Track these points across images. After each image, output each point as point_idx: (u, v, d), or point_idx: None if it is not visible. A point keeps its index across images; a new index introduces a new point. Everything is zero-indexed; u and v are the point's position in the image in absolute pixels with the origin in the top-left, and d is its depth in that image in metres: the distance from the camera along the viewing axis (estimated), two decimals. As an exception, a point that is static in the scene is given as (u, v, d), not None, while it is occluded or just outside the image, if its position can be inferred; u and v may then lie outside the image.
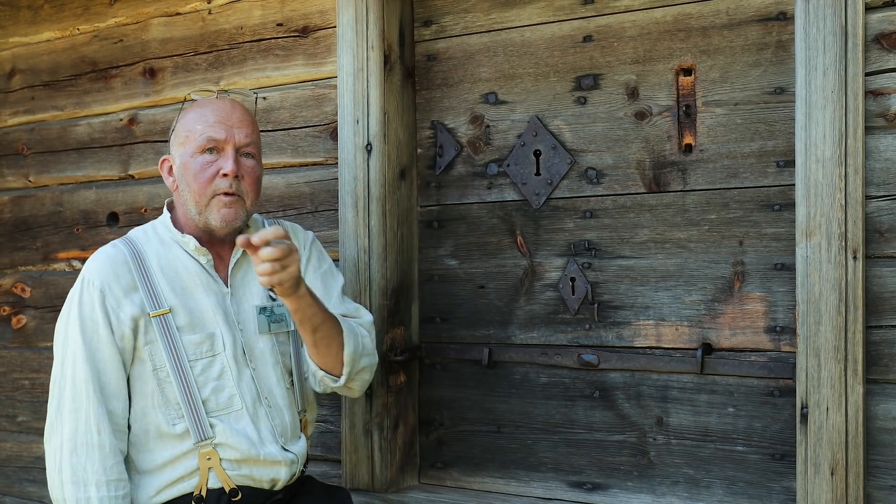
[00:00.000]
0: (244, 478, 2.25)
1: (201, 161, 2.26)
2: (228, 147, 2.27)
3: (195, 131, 2.27)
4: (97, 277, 2.23)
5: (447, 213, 2.75)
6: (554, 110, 2.59)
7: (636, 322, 2.50)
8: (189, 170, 2.27)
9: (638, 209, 2.49)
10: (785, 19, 2.31)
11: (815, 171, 2.16)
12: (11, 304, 3.47)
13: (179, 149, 2.30)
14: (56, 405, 2.21)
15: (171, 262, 2.30)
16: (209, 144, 2.26)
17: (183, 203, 2.31)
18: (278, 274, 2.09)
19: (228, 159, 2.26)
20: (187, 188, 2.28)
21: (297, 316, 2.21)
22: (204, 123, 2.27)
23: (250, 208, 2.32)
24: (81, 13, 3.26)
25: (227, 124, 2.28)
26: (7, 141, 3.46)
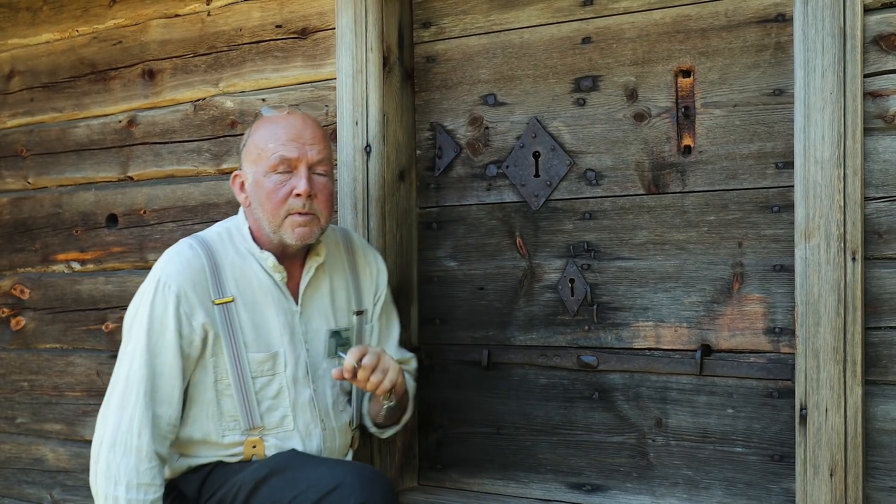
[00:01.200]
0: None
1: (275, 180, 2.25)
2: (301, 165, 2.26)
3: (267, 150, 2.26)
4: (174, 281, 2.23)
5: (446, 215, 2.75)
6: (553, 112, 2.59)
7: (635, 323, 2.51)
8: (262, 189, 2.26)
9: (637, 211, 2.50)
10: (784, 21, 2.31)
11: (814, 172, 2.16)
12: (10, 305, 3.47)
13: (252, 166, 2.29)
14: (108, 397, 2.25)
15: (246, 274, 2.30)
16: (282, 164, 2.25)
17: (256, 219, 2.31)
18: (383, 383, 2.22)
19: (302, 178, 2.25)
20: (260, 207, 2.28)
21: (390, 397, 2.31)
22: (276, 142, 2.26)
23: (324, 225, 2.32)
24: (80, 15, 3.26)
25: (299, 142, 2.26)
26: (6, 143, 3.46)
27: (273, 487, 2.20)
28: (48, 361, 3.39)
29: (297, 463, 2.24)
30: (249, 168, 2.30)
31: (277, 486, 2.20)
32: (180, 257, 2.26)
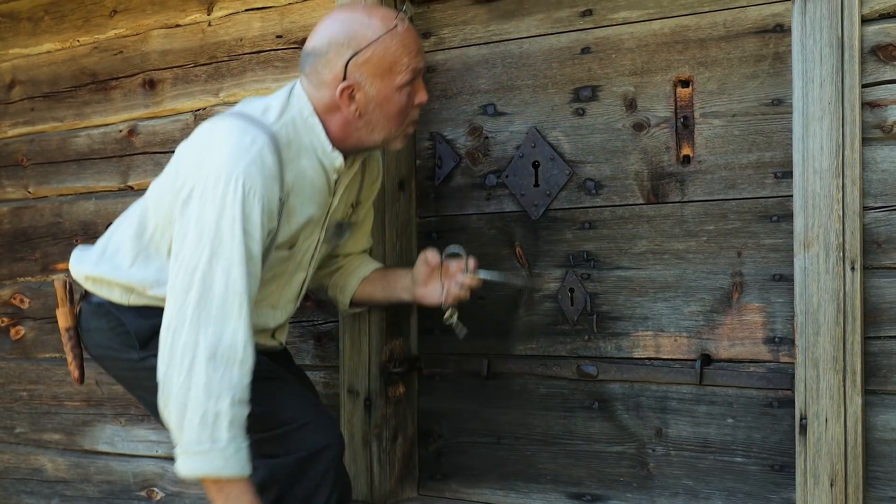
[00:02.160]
0: None
1: (406, 93, 2.22)
2: (420, 76, 2.25)
3: (402, 64, 2.19)
4: (259, 187, 2.10)
5: (446, 225, 2.76)
6: (552, 122, 2.60)
7: (635, 333, 2.51)
8: (393, 103, 2.21)
9: (636, 220, 2.50)
10: (782, 31, 2.32)
11: (813, 182, 2.16)
12: (10, 315, 3.47)
13: (379, 80, 2.18)
14: (196, 302, 2.06)
15: (301, 170, 2.22)
16: (413, 77, 2.22)
17: (359, 128, 2.23)
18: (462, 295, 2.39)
19: (423, 89, 2.26)
20: (385, 120, 2.22)
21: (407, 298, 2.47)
22: (409, 55, 2.19)
23: None
24: (82, 25, 3.27)
25: (421, 53, 2.24)
26: (7, 152, 3.47)
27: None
28: (47, 371, 3.39)
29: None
30: (374, 81, 2.18)
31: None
32: (263, 163, 2.12)
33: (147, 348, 2.27)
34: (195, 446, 2.03)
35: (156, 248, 2.29)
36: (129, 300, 2.31)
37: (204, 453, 2.02)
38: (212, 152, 2.13)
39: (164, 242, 2.27)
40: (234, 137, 2.13)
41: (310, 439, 2.27)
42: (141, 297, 2.30)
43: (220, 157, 2.11)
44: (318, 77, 2.21)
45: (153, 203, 2.30)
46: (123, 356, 2.32)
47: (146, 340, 2.27)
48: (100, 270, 2.33)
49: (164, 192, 2.26)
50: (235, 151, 2.11)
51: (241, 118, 2.19)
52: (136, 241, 2.31)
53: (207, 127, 2.23)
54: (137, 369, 2.30)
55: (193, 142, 2.23)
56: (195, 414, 2.02)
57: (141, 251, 2.30)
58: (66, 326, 2.42)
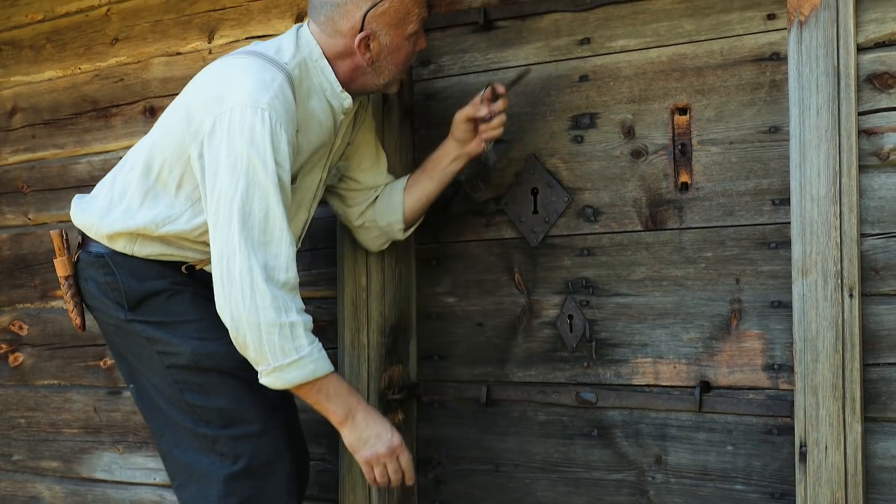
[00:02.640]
0: None
1: (413, 41, 2.36)
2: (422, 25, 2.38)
3: (413, 14, 2.33)
4: (283, 120, 2.18)
5: (445, 251, 2.76)
6: (551, 149, 2.61)
7: (634, 360, 2.50)
8: (402, 50, 2.34)
9: (635, 247, 2.50)
10: (778, 59, 2.34)
11: (811, 209, 2.17)
12: (9, 341, 3.47)
13: (393, 29, 2.31)
14: (240, 230, 2.12)
15: (312, 113, 2.32)
16: (418, 25, 2.35)
17: (366, 73, 2.34)
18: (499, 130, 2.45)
19: (423, 37, 2.40)
20: (390, 64, 2.35)
21: (458, 164, 2.49)
22: (418, 6, 2.34)
23: None
24: (83, 53, 3.29)
25: (425, 2, 2.37)
26: (7, 179, 3.48)
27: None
28: (46, 398, 3.38)
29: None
30: (389, 30, 2.31)
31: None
32: (284, 97, 2.21)
33: (135, 311, 2.33)
34: (284, 360, 2.12)
35: (163, 185, 2.32)
36: (133, 249, 2.33)
37: (295, 363, 2.13)
38: (233, 86, 2.20)
39: (172, 178, 2.30)
40: (254, 73, 2.21)
41: (265, 449, 2.31)
42: (147, 242, 2.32)
43: (244, 90, 2.18)
44: (334, 26, 2.31)
45: (159, 140, 2.33)
46: (112, 312, 2.35)
47: (136, 303, 2.33)
48: (109, 220, 2.35)
49: (171, 126, 2.30)
50: (258, 86, 2.18)
51: (257, 56, 2.27)
52: (143, 179, 2.34)
53: (222, 64, 2.31)
54: (122, 329, 2.35)
55: (208, 77, 2.30)
56: (273, 330, 2.11)
57: (149, 190, 2.33)
58: (64, 275, 2.43)
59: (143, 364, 2.37)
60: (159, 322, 2.33)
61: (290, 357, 2.13)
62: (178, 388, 2.31)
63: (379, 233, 2.60)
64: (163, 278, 2.35)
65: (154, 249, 2.34)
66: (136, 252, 2.34)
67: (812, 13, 2.18)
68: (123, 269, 2.34)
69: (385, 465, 2.27)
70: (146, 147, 2.37)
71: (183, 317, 2.33)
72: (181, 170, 2.29)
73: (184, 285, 2.36)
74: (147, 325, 2.33)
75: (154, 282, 2.34)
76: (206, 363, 2.30)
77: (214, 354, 2.30)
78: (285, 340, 2.12)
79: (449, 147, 2.52)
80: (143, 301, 2.33)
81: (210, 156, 2.18)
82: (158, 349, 2.32)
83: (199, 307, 2.34)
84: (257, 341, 2.12)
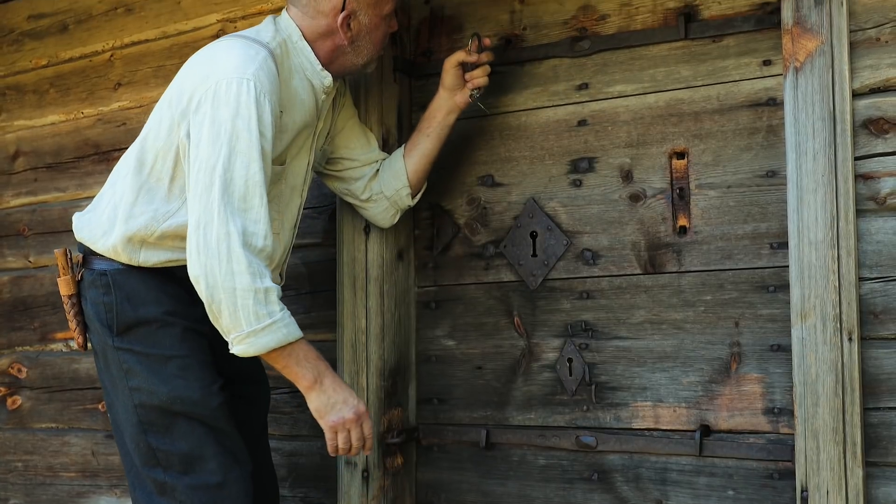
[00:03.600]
0: None
1: (387, 22, 2.45)
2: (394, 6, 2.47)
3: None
4: (268, 91, 2.23)
5: (444, 294, 2.77)
6: (550, 192, 2.63)
7: (634, 403, 2.50)
8: (379, 30, 2.43)
9: (634, 290, 2.51)
10: (774, 105, 2.36)
11: (809, 253, 2.18)
12: (7, 384, 3.46)
13: (370, 9, 2.39)
14: (220, 197, 2.12)
15: (294, 92, 2.37)
16: (392, 7, 2.44)
17: (346, 52, 2.41)
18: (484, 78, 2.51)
19: (395, 19, 2.50)
20: (369, 43, 2.42)
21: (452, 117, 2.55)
22: None
23: None
24: (86, 97, 3.32)
25: None
26: (9, 222, 3.49)
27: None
28: (43, 441, 3.37)
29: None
30: (368, 10, 2.39)
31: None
32: (268, 69, 2.25)
33: (122, 337, 2.32)
34: (258, 324, 2.12)
35: (157, 179, 2.32)
36: (139, 258, 2.32)
37: (268, 328, 2.13)
38: (217, 63, 2.25)
39: (165, 170, 2.31)
40: (238, 49, 2.27)
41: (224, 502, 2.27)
42: (152, 248, 2.32)
43: (229, 64, 2.23)
44: (316, 7, 2.38)
45: (150, 133, 2.34)
46: (101, 335, 2.35)
47: (125, 328, 2.32)
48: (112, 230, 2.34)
49: (160, 117, 2.33)
50: (243, 59, 2.24)
51: (239, 37, 2.35)
52: (136, 176, 2.34)
53: (206, 48, 2.37)
54: (107, 355, 2.35)
55: (193, 62, 2.35)
56: (248, 296, 2.11)
57: (142, 185, 2.33)
58: (67, 294, 2.43)
59: (115, 396, 2.35)
60: (143, 353, 2.30)
61: (264, 322, 2.12)
62: (142, 428, 2.28)
63: (388, 204, 2.61)
64: (158, 305, 2.32)
65: (160, 256, 2.33)
66: (142, 261, 2.32)
67: (807, 59, 2.21)
68: (121, 291, 2.33)
69: (349, 432, 2.25)
70: (137, 144, 2.38)
71: (168, 351, 2.30)
72: (173, 159, 2.29)
73: (176, 317, 2.33)
74: (130, 355, 2.30)
75: (148, 308, 2.32)
76: (178, 407, 2.27)
77: (188, 399, 2.27)
78: (259, 305, 2.12)
79: (440, 99, 2.57)
80: (133, 328, 2.31)
81: (194, 130, 2.20)
82: (133, 385, 2.29)
83: (186, 343, 2.32)
84: (232, 307, 2.11)
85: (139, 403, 2.29)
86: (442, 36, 2.78)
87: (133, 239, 2.31)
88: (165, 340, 2.31)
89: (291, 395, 2.86)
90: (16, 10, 3.45)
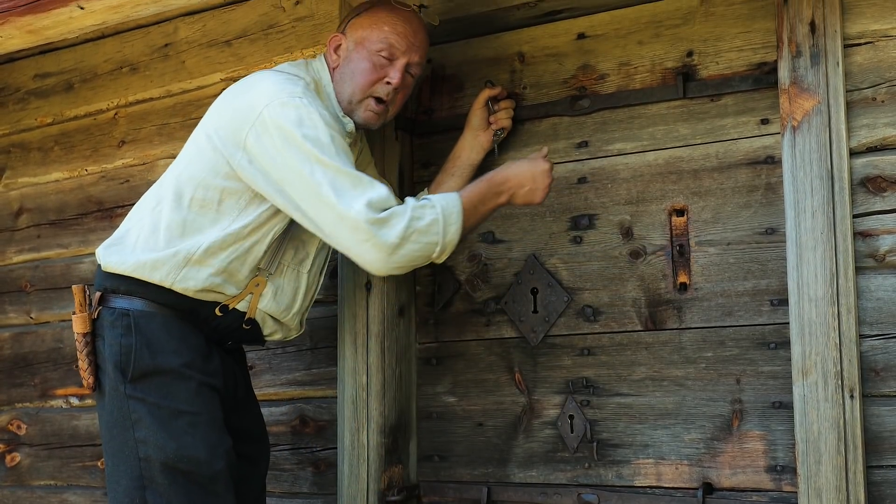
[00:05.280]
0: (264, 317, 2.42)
1: (374, 61, 2.38)
2: (402, 59, 2.39)
3: (381, 31, 2.38)
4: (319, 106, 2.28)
5: (445, 350, 2.77)
6: (550, 249, 2.64)
7: (636, 460, 2.49)
8: (359, 63, 2.39)
9: (635, 347, 2.51)
10: (773, 163, 2.38)
11: (809, 310, 2.19)
12: (6, 441, 3.44)
13: (356, 35, 2.40)
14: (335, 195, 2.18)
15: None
16: (387, 50, 2.38)
17: (338, 83, 2.42)
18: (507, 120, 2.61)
19: (397, 70, 2.39)
20: (350, 78, 2.40)
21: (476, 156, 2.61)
22: (391, 27, 2.38)
23: (388, 119, 2.47)
24: (90, 155, 3.35)
25: (410, 39, 2.40)
26: (11, 278, 3.50)
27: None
28: (42, 499, 3.34)
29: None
30: (354, 37, 2.40)
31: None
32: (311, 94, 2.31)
33: (135, 384, 2.27)
34: (439, 236, 2.25)
35: (200, 207, 2.33)
36: (176, 277, 2.30)
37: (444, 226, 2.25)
38: (259, 91, 2.28)
39: (210, 198, 2.32)
40: (276, 77, 2.32)
41: None
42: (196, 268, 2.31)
43: (272, 89, 2.28)
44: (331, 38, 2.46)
45: (185, 169, 2.35)
46: (112, 379, 2.30)
47: (139, 376, 2.28)
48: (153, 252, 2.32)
49: (198, 152, 2.34)
50: (285, 83, 2.29)
51: (271, 71, 2.38)
52: (176, 210, 2.33)
53: (237, 84, 2.39)
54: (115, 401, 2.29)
55: (227, 97, 2.37)
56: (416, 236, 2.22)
57: (186, 219, 2.33)
58: (82, 332, 2.37)
59: (116, 444, 2.29)
60: (155, 405, 2.26)
61: (438, 228, 2.24)
62: (142, 483, 2.24)
63: None
64: (177, 356, 2.29)
65: (200, 276, 2.31)
66: (176, 283, 2.30)
67: (805, 119, 2.23)
68: (142, 335, 2.29)
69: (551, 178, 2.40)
70: (171, 180, 2.37)
71: (180, 406, 2.27)
72: (220, 187, 2.30)
73: (194, 370, 2.30)
74: (141, 405, 2.26)
75: (167, 357, 2.27)
76: (183, 465, 2.24)
77: (194, 459, 2.24)
78: (425, 229, 2.22)
79: (465, 139, 2.62)
80: (148, 376, 2.27)
81: (266, 159, 2.24)
82: (139, 436, 2.25)
83: (200, 399, 2.30)
84: (419, 249, 2.23)
85: (144, 457, 2.25)
86: (443, 95, 2.82)
87: (177, 256, 2.30)
88: (180, 394, 2.28)
89: (291, 452, 2.84)
90: (22, 69, 3.50)
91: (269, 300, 2.41)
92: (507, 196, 2.37)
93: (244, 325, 2.40)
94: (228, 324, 2.39)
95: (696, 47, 2.50)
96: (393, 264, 2.22)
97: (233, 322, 2.39)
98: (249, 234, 2.32)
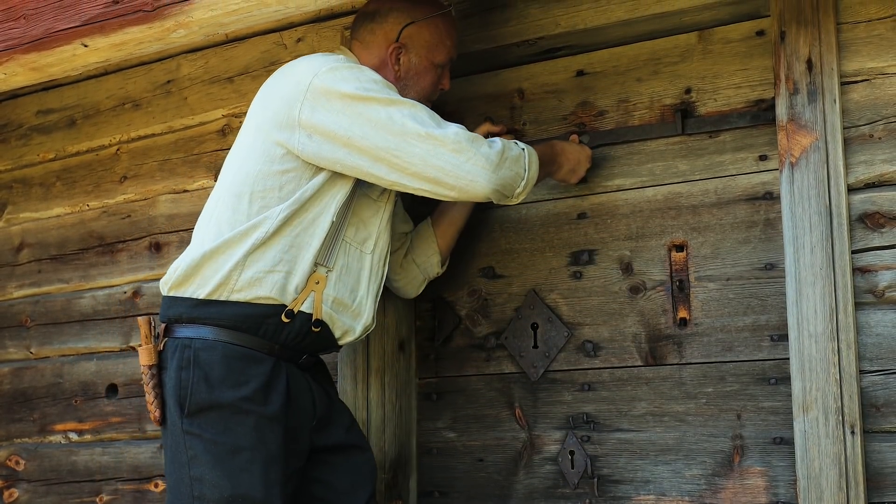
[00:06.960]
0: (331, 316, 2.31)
1: (438, 73, 2.48)
2: (449, 65, 2.52)
3: (445, 45, 2.47)
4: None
5: (445, 386, 2.76)
6: (550, 284, 2.65)
7: (637, 497, 2.48)
8: (427, 76, 2.46)
9: (635, 382, 2.51)
10: (771, 199, 2.40)
11: (809, 345, 2.19)
12: (5, 477, 3.42)
13: (422, 50, 2.43)
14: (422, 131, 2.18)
15: None
16: (448, 61, 2.49)
17: (400, 90, 2.37)
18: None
19: (447, 77, 2.52)
20: (415, 86, 2.44)
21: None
22: (451, 40, 2.49)
23: None
24: (92, 190, 3.37)
25: (457, 46, 2.53)
26: (11, 313, 3.50)
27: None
28: (39, 536, 3.32)
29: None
30: (420, 50, 2.43)
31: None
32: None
33: (192, 419, 2.19)
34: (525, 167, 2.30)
35: (262, 196, 2.25)
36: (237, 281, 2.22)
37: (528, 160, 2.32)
38: (303, 70, 2.30)
39: (271, 185, 2.25)
40: (314, 55, 2.35)
41: None
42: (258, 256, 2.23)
43: (316, 62, 2.28)
44: (373, 36, 2.43)
45: (240, 168, 2.29)
46: (173, 412, 2.22)
47: (196, 410, 2.19)
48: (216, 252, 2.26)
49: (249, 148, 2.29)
50: (325, 57, 2.32)
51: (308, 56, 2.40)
52: (235, 212, 2.26)
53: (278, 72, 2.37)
54: (175, 434, 2.21)
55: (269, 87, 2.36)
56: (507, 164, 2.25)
57: (252, 217, 2.25)
58: (147, 364, 2.28)
59: (174, 480, 2.22)
60: (211, 441, 2.17)
61: (524, 163, 2.30)
62: None
63: (417, 272, 2.62)
64: (236, 390, 2.18)
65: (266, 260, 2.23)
66: (236, 289, 2.22)
67: (802, 155, 2.25)
68: (200, 369, 2.20)
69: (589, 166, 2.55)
70: (224, 188, 2.32)
71: (238, 442, 2.17)
72: (278, 171, 2.24)
73: (253, 404, 2.19)
74: (198, 441, 2.18)
75: (224, 392, 2.18)
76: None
77: (249, 498, 2.15)
78: (516, 158, 2.27)
79: None
80: (205, 411, 2.18)
81: (328, 125, 2.20)
82: (195, 474, 2.17)
83: (259, 435, 2.19)
84: (511, 177, 2.26)
85: (199, 496, 2.16)
86: (443, 131, 2.84)
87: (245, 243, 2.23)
88: (238, 429, 2.18)
89: (291, 489, 2.83)
90: (24, 106, 3.52)
91: (333, 285, 2.29)
92: (557, 166, 2.48)
93: (313, 327, 2.28)
94: (297, 330, 2.27)
95: (695, 84, 2.53)
96: (498, 180, 2.22)
97: (301, 327, 2.26)
98: (311, 200, 2.24)
